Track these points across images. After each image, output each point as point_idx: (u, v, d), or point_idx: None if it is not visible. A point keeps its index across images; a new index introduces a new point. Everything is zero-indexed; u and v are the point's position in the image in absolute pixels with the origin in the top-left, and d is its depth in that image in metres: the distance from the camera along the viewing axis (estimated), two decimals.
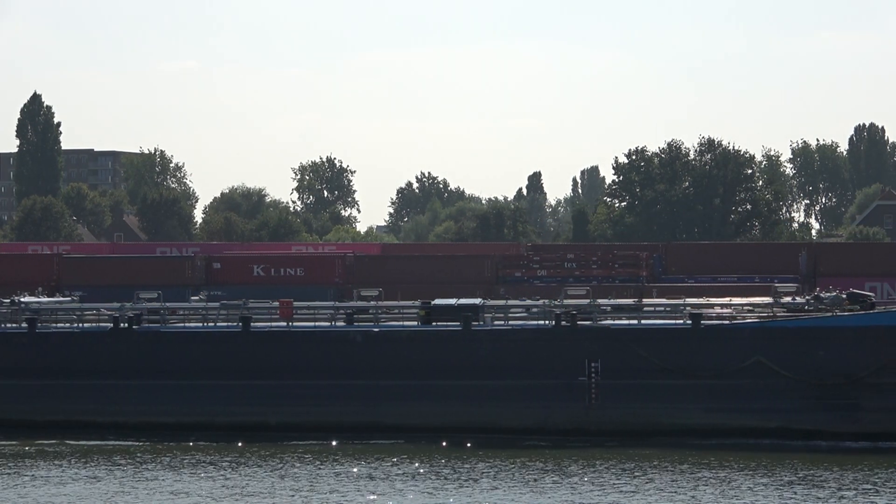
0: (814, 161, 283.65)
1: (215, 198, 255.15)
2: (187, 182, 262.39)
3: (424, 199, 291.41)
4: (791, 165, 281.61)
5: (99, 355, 71.02)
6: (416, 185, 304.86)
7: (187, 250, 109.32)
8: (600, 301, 70.87)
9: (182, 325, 73.15)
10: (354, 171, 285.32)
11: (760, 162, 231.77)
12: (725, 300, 72.17)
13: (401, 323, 71.29)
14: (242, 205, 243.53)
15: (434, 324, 70.21)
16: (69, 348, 71.57)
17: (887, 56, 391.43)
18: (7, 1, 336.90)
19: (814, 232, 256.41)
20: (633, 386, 66.83)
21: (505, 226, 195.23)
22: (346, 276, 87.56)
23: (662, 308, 71.14)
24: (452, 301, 71.55)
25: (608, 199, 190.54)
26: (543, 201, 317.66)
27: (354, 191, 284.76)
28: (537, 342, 68.40)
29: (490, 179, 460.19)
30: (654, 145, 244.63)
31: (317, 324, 71.61)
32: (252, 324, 70.89)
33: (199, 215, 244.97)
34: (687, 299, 71.29)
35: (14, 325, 73.22)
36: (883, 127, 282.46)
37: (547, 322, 68.98)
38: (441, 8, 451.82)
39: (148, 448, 65.64)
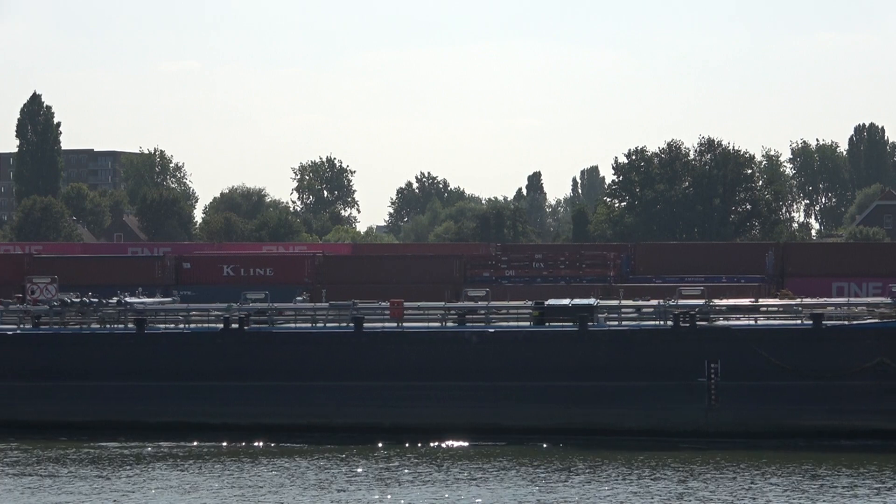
0: (814, 161, 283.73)
1: (215, 198, 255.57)
2: (187, 182, 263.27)
3: (424, 199, 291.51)
4: (791, 165, 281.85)
5: (209, 356, 69.77)
6: (416, 185, 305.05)
7: (158, 250, 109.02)
8: (716, 301, 70.17)
9: (291, 325, 71.86)
10: (354, 171, 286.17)
11: (760, 162, 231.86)
12: (843, 300, 71.59)
13: (513, 324, 70.23)
14: (242, 205, 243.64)
15: (547, 324, 69.18)
16: (179, 349, 70.32)
17: (887, 56, 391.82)
18: (7, 1, 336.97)
19: (814, 232, 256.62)
20: (754, 387, 65.80)
21: (505, 226, 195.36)
22: (315, 276, 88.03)
23: (776, 308, 70.34)
24: (566, 301, 70.89)
25: (608, 199, 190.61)
26: (543, 201, 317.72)
27: (354, 191, 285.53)
28: (656, 343, 67.30)
29: (490, 179, 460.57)
30: (654, 145, 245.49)
31: (429, 325, 70.38)
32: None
33: (199, 215, 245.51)
34: (804, 299, 70.75)
35: (119, 325, 72.13)
36: (883, 127, 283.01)
37: (664, 323, 68.05)
38: (441, 8, 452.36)
39: (261, 451, 64.64)
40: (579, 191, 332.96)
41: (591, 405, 66.89)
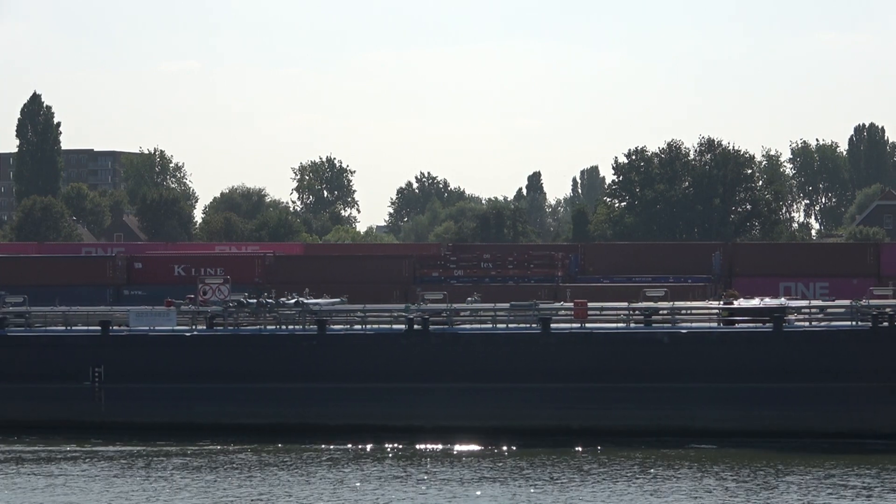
0: (814, 161, 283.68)
1: (215, 198, 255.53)
2: (187, 182, 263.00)
3: (424, 199, 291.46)
4: (791, 165, 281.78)
5: (394, 358, 68.90)
6: (416, 185, 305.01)
7: (112, 250, 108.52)
8: None
9: (470, 326, 70.81)
10: (354, 171, 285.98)
11: (760, 162, 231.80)
12: None
13: (696, 324, 69.24)
14: (242, 205, 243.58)
15: (737, 325, 68.33)
16: (363, 350, 69.52)
17: (887, 56, 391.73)
18: (7, 1, 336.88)
19: (814, 232, 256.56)
20: None
21: (505, 226, 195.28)
22: (265, 276, 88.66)
23: None
24: (756, 301, 70.30)
25: (608, 199, 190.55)
26: (543, 201, 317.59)
27: (354, 191, 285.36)
28: (853, 343, 66.16)
29: (490, 179, 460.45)
30: (654, 145, 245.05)
31: (616, 325, 69.41)
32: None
33: (199, 215, 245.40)
34: None
35: (297, 326, 71.50)
36: (883, 127, 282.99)
37: (860, 323, 66.87)
38: (441, 8, 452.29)
39: (440, 454, 64.00)
40: (579, 191, 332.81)
41: (784, 407, 65.74)
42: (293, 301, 72.83)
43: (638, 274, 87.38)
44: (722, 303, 70.98)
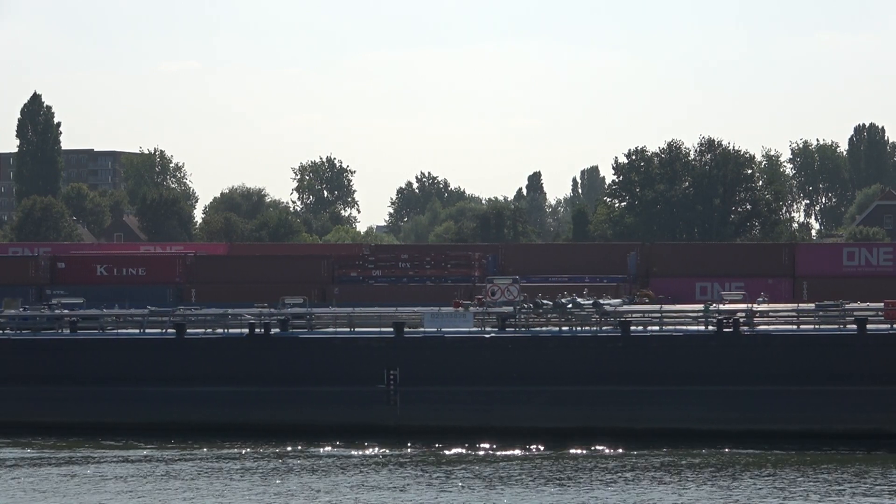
0: (814, 161, 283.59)
1: (215, 198, 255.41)
2: (187, 182, 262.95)
3: (424, 199, 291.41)
4: (791, 165, 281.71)
5: (701, 360, 67.53)
6: (416, 185, 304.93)
7: (38, 250, 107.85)
8: None
9: (767, 328, 69.82)
10: (354, 171, 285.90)
11: (760, 162, 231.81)
12: None
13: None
14: (242, 205, 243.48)
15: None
16: (669, 352, 68.16)
17: (887, 56, 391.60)
18: (7, 1, 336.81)
19: (814, 232, 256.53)
20: None
21: (505, 226, 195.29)
22: (186, 276, 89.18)
23: None
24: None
25: (608, 199, 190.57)
26: (543, 201, 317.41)
27: (354, 191, 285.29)
28: None
29: (490, 179, 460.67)
30: (654, 145, 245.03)
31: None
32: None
33: (199, 215, 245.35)
34: None
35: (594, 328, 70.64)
36: (883, 127, 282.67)
37: None
38: (441, 8, 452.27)
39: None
40: (579, 191, 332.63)
41: None
42: (590, 302, 71.79)
43: (555, 274, 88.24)
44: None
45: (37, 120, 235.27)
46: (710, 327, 68.60)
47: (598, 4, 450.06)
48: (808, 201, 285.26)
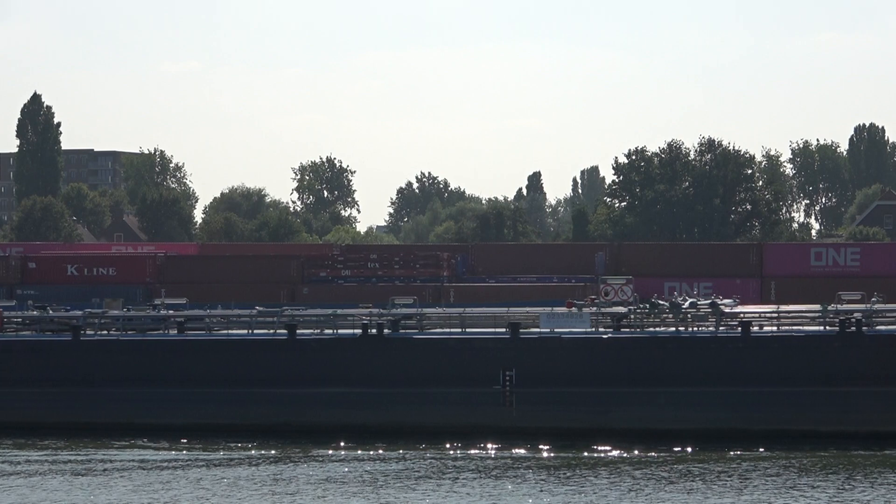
0: (814, 161, 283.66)
1: (215, 198, 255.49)
2: (187, 182, 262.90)
3: (424, 199, 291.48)
4: (791, 165, 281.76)
5: (819, 360, 66.43)
6: (416, 185, 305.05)
7: (10, 250, 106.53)
8: None
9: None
10: (354, 171, 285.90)
11: (760, 162, 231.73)
12: None
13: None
14: (242, 205, 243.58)
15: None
16: (791, 353, 67.01)
17: (887, 56, 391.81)
18: (7, 1, 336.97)
19: (814, 232, 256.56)
20: None
21: (505, 226, 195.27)
22: (156, 276, 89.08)
23: None
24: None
25: (608, 199, 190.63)
26: (543, 201, 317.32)
27: (354, 191, 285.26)
28: None
29: (490, 179, 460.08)
30: (654, 145, 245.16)
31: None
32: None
33: (199, 215, 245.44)
34: None
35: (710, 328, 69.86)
36: (883, 127, 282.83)
37: None
38: (441, 8, 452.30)
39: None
40: (579, 191, 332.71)
41: None
42: (707, 303, 70.98)
43: (523, 274, 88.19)
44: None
45: (37, 120, 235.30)
46: (831, 327, 67.84)
47: (598, 4, 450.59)
48: (808, 201, 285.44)
